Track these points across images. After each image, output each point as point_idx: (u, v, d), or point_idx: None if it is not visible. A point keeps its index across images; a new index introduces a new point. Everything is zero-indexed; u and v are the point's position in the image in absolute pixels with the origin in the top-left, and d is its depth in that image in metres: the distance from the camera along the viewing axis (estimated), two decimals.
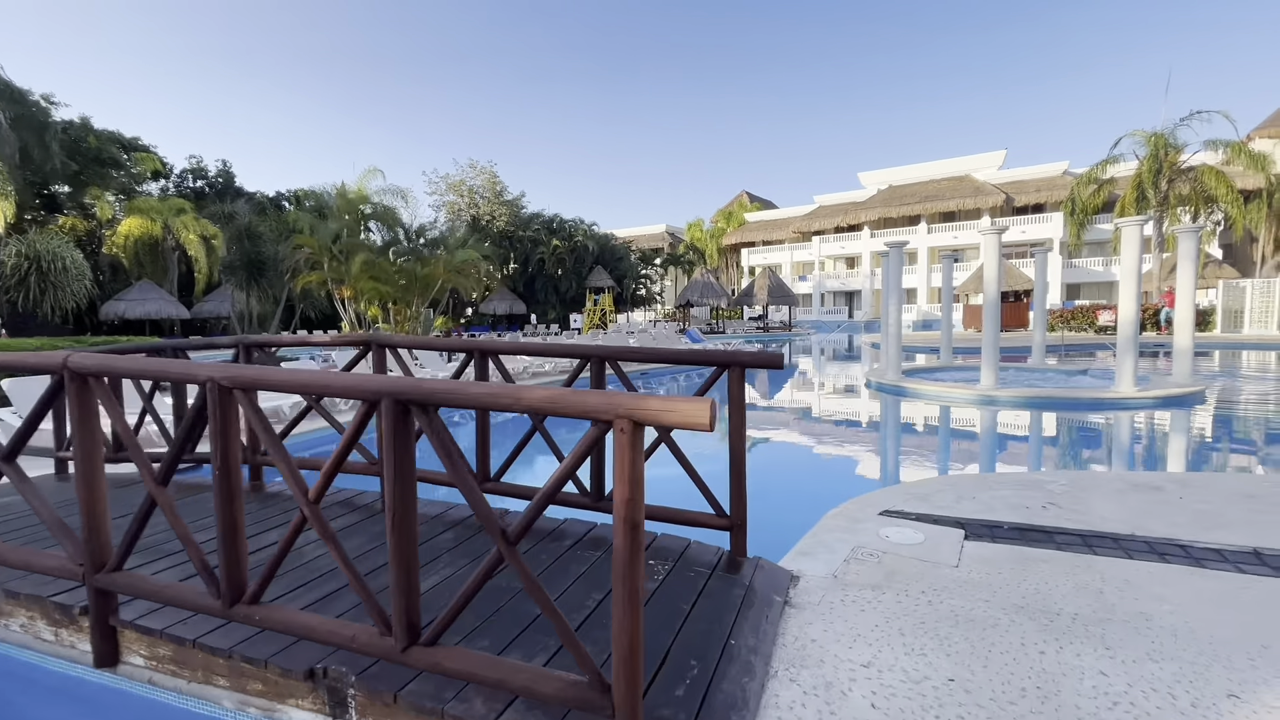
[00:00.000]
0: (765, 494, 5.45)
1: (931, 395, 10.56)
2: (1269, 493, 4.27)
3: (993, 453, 6.93)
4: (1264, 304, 22.12)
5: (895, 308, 11.88)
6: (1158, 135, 24.16)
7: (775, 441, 8.36)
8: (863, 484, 5.49)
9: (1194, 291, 10.14)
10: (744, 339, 33.35)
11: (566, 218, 45.89)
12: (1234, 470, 5.78)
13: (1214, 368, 15.03)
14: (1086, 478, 4.71)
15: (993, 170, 44.25)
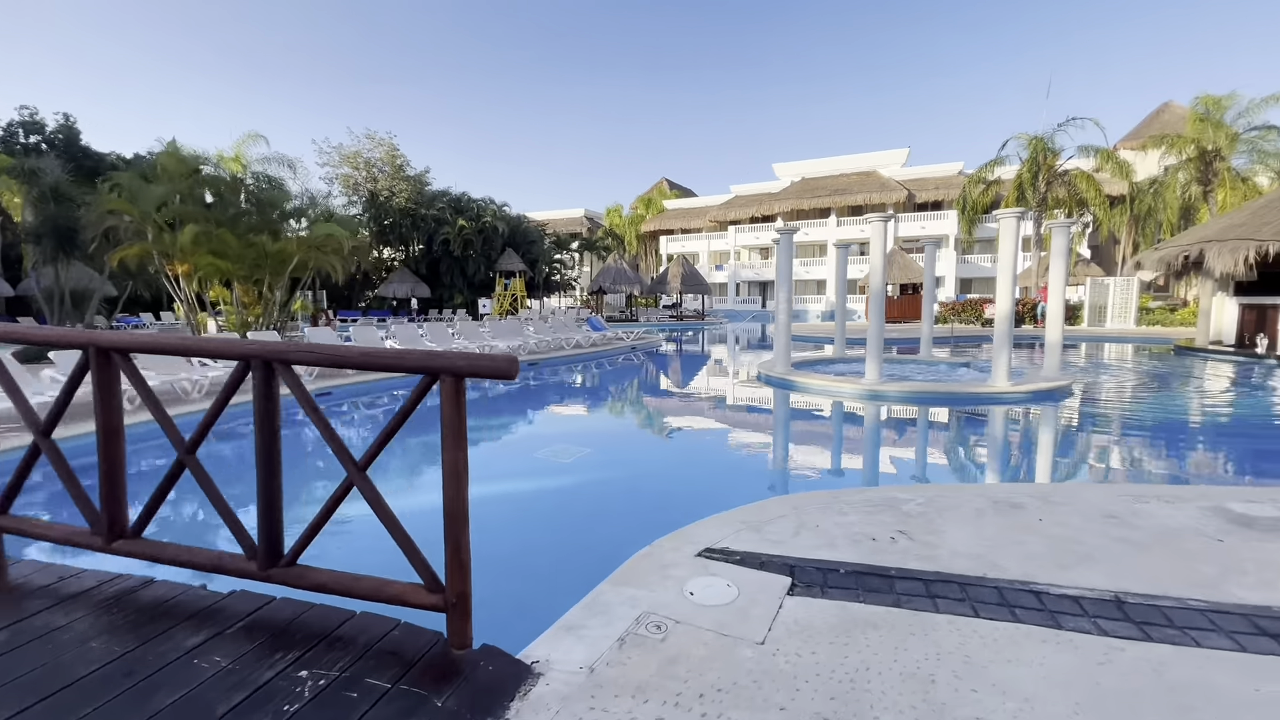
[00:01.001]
0: (577, 526, 4.53)
1: (817, 389, 10.14)
2: (1127, 509, 3.81)
3: (861, 458, 6.40)
4: (1123, 300, 23.97)
5: (785, 297, 11.40)
6: (1037, 139, 25.52)
7: (621, 449, 7.52)
8: (702, 505, 4.71)
9: (1065, 286, 10.25)
10: (655, 327, 32.81)
11: (475, 197, 43.46)
12: (1095, 477, 5.49)
13: (1081, 360, 15.79)
14: (946, 495, 4.12)
15: (896, 167, 46.03)
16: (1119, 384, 11.49)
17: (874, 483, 5.52)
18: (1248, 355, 14.43)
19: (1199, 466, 6.23)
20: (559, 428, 8.61)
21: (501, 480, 6.00)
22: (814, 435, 7.61)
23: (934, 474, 5.80)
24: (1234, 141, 24.68)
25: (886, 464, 6.16)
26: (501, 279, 42.64)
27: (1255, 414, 8.73)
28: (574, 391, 11.85)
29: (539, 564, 3.96)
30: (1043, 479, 5.64)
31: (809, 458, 6.47)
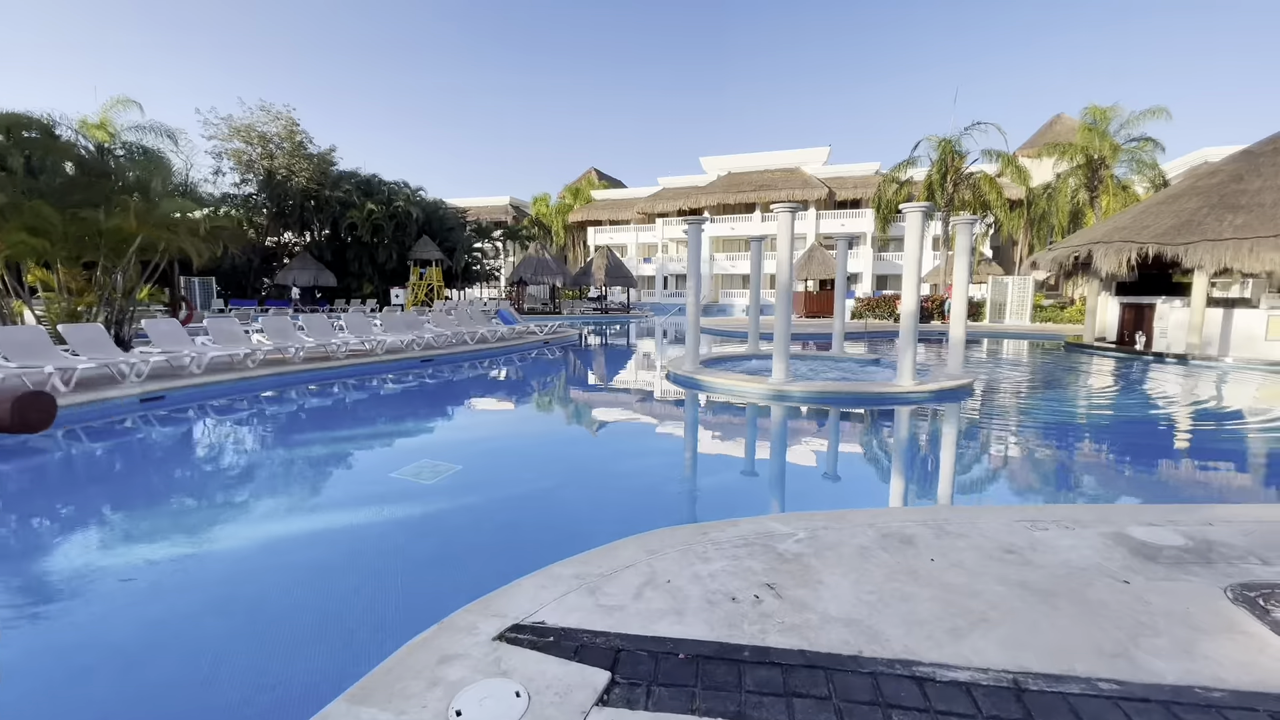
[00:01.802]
0: (394, 581, 3.37)
1: (722, 389, 9.58)
2: (1026, 540, 3.32)
3: (749, 477, 5.79)
4: (1020, 298, 25.27)
5: (695, 290, 10.78)
6: (946, 141, 26.43)
7: (496, 466, 6.61)
8: (559, 544, 3.91)
9: (968, 283, 10.19)
10: (576, 320, 31.81)
11: (387, 179, 40.72)
12: (994, 491, 5.11)
13: (984, 355, 16.23)
14: (832, 528, 3.50)
15: (818, 165, 47.04)
16: (1016, 381, 11.66)
17: (762, 506, 4.90)
18: (1128, 352, 15.25)
19: (1094, 473, 6.04)
20: (433, 438, 7.56)
21: (333, 510, 4.95)
22: (708, 448, 6.97)
23: (826, 493, 5.26)
24: (1117, 151, 26.54)
25: (775, 483, 5.57)
26: (416, 268, 40.28)
27: (1140, 413, 8.90)
28: (466, 393, 10.76)
29: (305, 646, 3.00)
30: (943, 491, 5.21)
31: (694, 477, 5.78)
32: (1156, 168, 26.11)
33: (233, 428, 7.90)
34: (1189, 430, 7.76)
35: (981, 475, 5.72)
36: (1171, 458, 6.56)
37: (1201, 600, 2.69)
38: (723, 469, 5.96)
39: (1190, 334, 13.90)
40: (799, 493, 5.20)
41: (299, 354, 11.37)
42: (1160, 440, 7.30)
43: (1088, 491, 5.36)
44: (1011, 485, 5.45)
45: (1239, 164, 14.57)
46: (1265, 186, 13.34)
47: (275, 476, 5.94)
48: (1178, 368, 13.08)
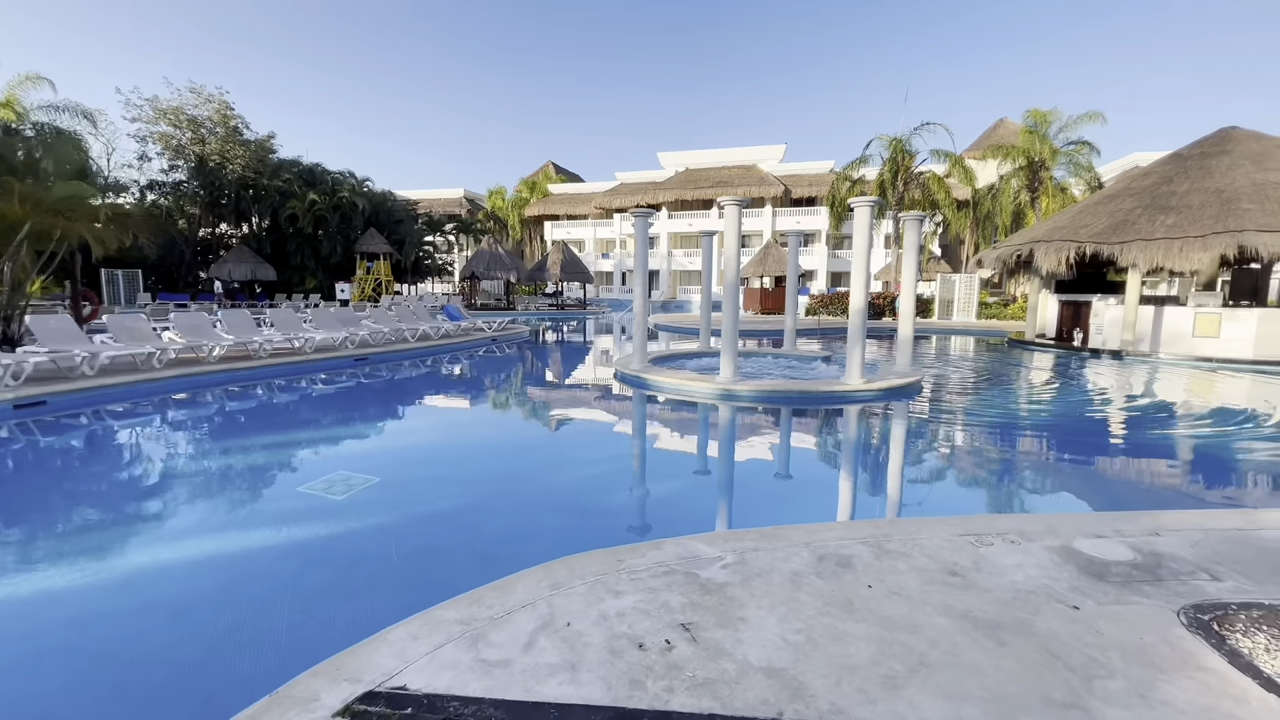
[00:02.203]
0: (261, 625, 2.87)
1: (670, 388, 9.23)
2: (970, 559, 3.05)
3: (686, 486, 5.43)
4: (967, 296, 25.90)
5: (641, 285, 10.39)
6: (897, 140, 26.84)
7: (419, 478, 6.09)
8: (470, 572, 3.47)
9: (916, 280, 10.13)
10: (531, 316, 31.06)
11: (331, 169, 38.92)
12: (938, 502, 4.89)
13: (932, 352, 16.42)
14: (764, 549, 3.16)
15: (774, 162, 47.39)
16: (962, 379, 11.73)
17: (697, 520, 4.54)
18: (1066, 348, 15.67)
19: (1038, 476, 5.93)
20: (354, 447, 6.93)
21: (222, 533, 4.34)
22: (649, 455, 6.58)
23: (766, 504, 4.94)
24: (1055, 155, 27.50)
25: (713, 494, 5.22)
26: (363, 261, 38.70)
27: (1081, 411, 8.98)
28: (398, 396, 10.09)
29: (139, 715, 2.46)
30: (888, 500, 4.97)
31: (630, 489, 5.36)
32: (1092, 170, 27.16)
33: (120, 436, 7.08)
34: (1129, 429, 7.82)
35: (926, 481, 5.52)
36: (1113, 457, 6.53)
37: (1155, 627, 2.45)
38: (661, 478, 5.58)
39: (1125, 331, 14.34)
40: (738, 504, 4.87)
41: (214, 353, 10.46)
42: (1101, 440, 7.31)
43: (1033, 496, 5.21)
44: (957, 491, 5.26)
45: (1169, 167, 15.10)
46: (1193, 189, 13.84)
47: (156, 494, 5.25)
48: (1113, 364, 13.46)
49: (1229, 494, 5.25)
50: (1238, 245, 12.07)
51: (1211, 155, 14.54)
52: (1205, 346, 13.49)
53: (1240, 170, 13.60)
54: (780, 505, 4.85)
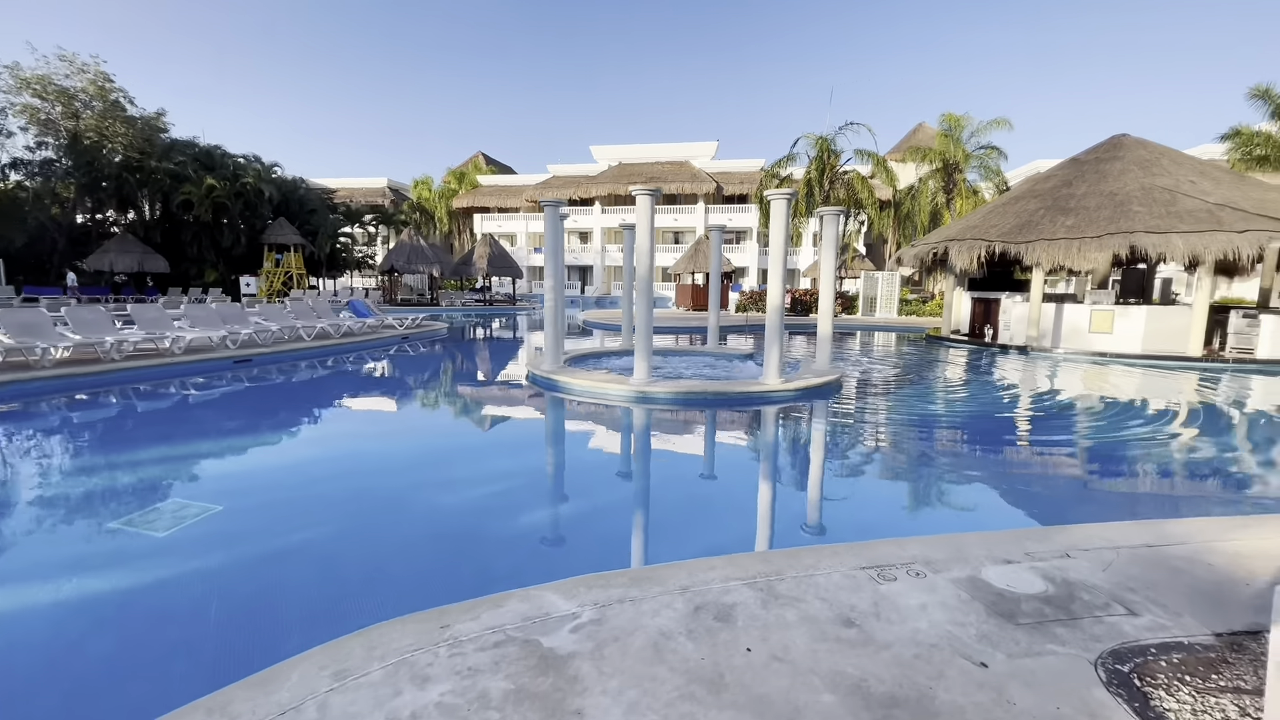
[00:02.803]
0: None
1: (581, 391, 8.61)
2: (869, 601, 2.60)
3: (576, 510, 4.83)
4: (889, 293, 26.68)
5: (554, 278, 9.70)
6: (823, 139, 27.27)
7: (268, 506, 5.22)
8: (257, 650, 2.75)
9: (835, 276, 9.95)
10: (455, 312, 29.61)
11: (233, 152, 35.80)
12: (843, 521, 4.49)
13: (855, 348, 16.59)
14: (630, 601, 2.60)
15: (707, 159, 47.56)
16: (881, 375, 11.73)
17: (570, 559, 3.91)
18: (978, 344, 16.19)
19: (948, 484, 5.71)
20: (205, 468, 5.89)
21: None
22: (540, 473, 5.93)
23: (659, 532, 4.32)
24: (968, 158, 28.77)
25: (602, 520, 4.60)
26: (272, 253, 35.87)
27: (988, 411, 9.03)
28: (275, 404, 8.96)
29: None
30: (788, 523, 4.55)
31: (507, 518, 4.66)
32: (1000, 174, 28.58)
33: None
34: (1037, 431, 7.85)
35: (835, 497, 5.15)
36: (1023, 462, 6.44)
37: (1072, 688, 2.05)
38: (554, 500, 4.93)
39: (1030, 327, 14.91)
40: (630, 530, 4.29)
41: (50, 356, 8.95)
42: (1011, 443, 7.26)
43: (943, 509, 4.94)
44: (866, 506, 4.91)
45: (1068, 170, 15.84)
46: (1089, 191, 14.53)
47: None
48: (1019, 359, 13.93)
49: (1135, 496, 5.17)
50: (1129, 245, 12.69)
51: (1105, 160, 15.34)
52: (1100, 342, 14.20)
53: (1130, 175, 14.37)
54: (675, 531, 4.33)
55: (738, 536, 4.14)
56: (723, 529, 4.32)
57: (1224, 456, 6.19)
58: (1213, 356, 13.10)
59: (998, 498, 5.06)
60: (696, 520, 4.47)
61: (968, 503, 4.97)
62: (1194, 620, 2.51)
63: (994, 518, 4.59)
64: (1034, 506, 4.84)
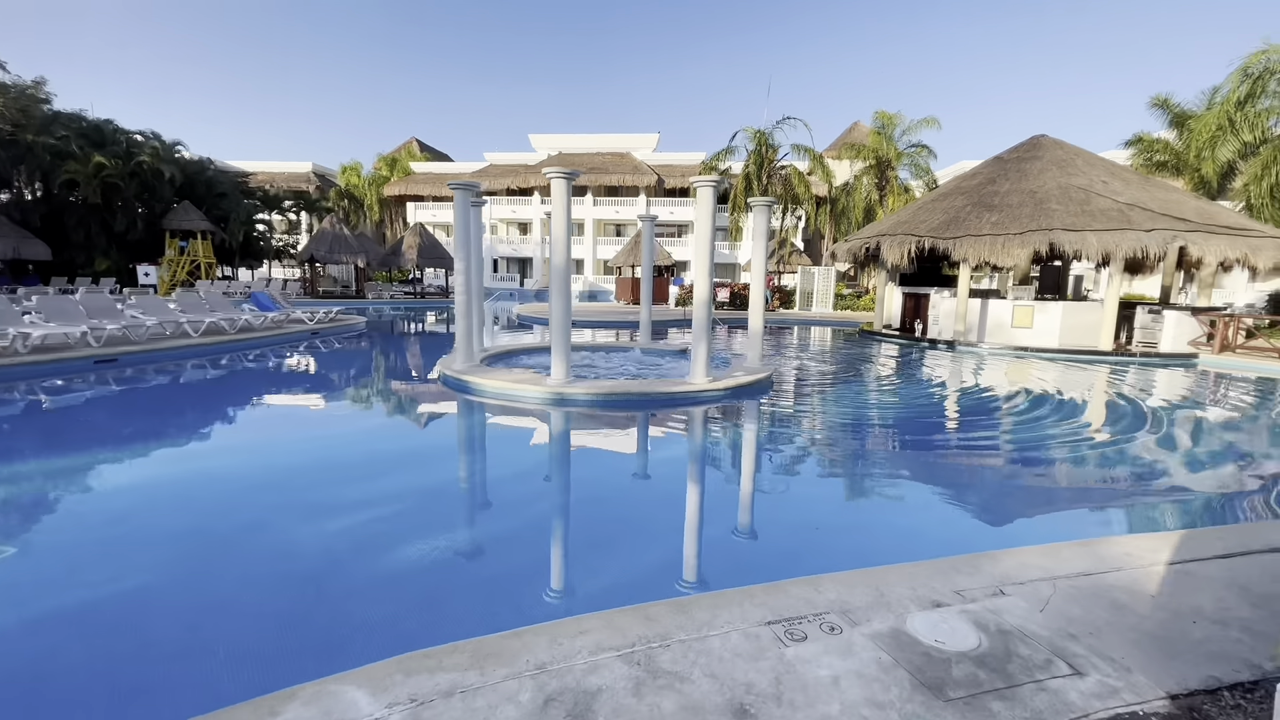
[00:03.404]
0: None
1: (493, 392, 7.86)
2: (772, 676, 2.07)
3: (460, 545, 4.12)
4: (825, 288, 26.99)
5: (464, 270, 8.88)
6: (760, 133, 27.21)
7: (70, 550, 4.29)
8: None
9: (765, 267, 9.57)
10: (384, 306, 27.90)
11: (129, 128, 32.48)
12: (752, 557, 3.99)
13: (793, 342, 16.47)
14: (464, 690, 1.97)
15: (648, 151, 47.04)
16: (814, 371, 11.52)
17: (408, 630, 3.23)
18: (909, 338, 16.38)
19: (873, 499, 5.35)
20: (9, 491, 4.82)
21: None
22: (431, 495, 5.21)
23: (529, 578, 3.64)
24: (900, 156, 29.44)
25: (473, 566, 3.84)
26: (175, 240, 32.91)
27: (917, 413, 8.88)
28: (124, 414, 7.73)
29: None
30: (692, 559, 4.02)
31: (355, 563, 3.85)
32: (930, 173, 29.41)
33: None
34: (965, 434, 7.70)
35: (753, 517, 4.67)
36: (952, 470, 6.18)
37: None
38: (423, 536, 4.14)
39: (957, 322, 15.16)
40: (507, 576, 3.58)
41: None
42: (940, 450, 7.04)
43: (868, 526, 4.55)
44: (784, 529, 4.44)
45: (992, 168, 16.19)
46: (1012, 189, 14.86)
47: None
48: (947, 354, 14.11)
49: (1065, 499, 4.95)
50: (1049, 242, 12.99)
51: (1026, 159, 15.75)
52: (1022, 336, 14.58)
53: (1049, 174, 14.78)
54: (572, 568, 3.69)
55: (642, 573, 3.57)
56: (627, 564, 3.74)
57: (1151, 456, 6.14)
58: (1121, 350, 13.64)
59: (926, 511, 4.71)
60: (599, 553, 3.87)
61: (895, 520, 4.59)
62: (1145, 678, 2.11)
63: (922, 536, 4.22)
64: (964, 521, 4.52)
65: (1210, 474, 5.65)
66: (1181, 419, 8.01)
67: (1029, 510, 4.72)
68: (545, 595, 3.17)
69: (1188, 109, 25.32)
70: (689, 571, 3.51)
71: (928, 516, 4.56)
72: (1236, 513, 4.64)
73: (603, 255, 46.50)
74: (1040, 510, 4.74)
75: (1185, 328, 13.82)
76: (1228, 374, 11.70)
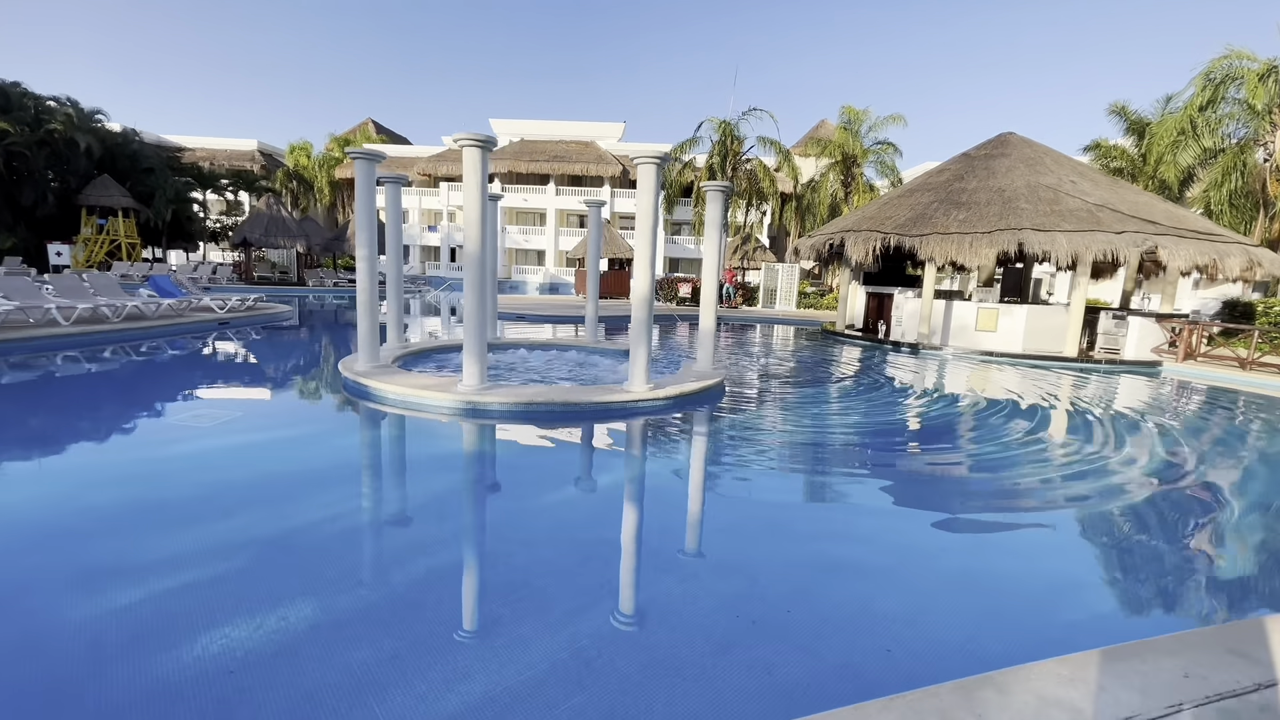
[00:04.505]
0: None
1: (396, 400, 6.68)
2: None
3: (285, 640, 3.03)
4: (789, 285, 26.35)
5: (369, 253, 7.62)
6: (726, 123, 26.33)
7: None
8: None
9: (719, 260, 8.60)
10: (324, 293, 26.01)
11: (39, 92, 29.57)
12: (682, 638, 2.97)
13: (755, 342, 15.62)
14: None
15: (613, 141, 45.77)
16: (773, 376, 10.63)
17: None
18: (872, 340, 15.73)
19: (825, 564, 4.42)
20: None
21: None
22: (263, 552, 4.07)
23: (347, 687, 2.67)
24: (866, 154, 28.99)
25: (297, 664, 2.84)
26: (92, 218, 30.26)
27: (883, 427, 8.05)
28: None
29: None
30: (610, 632, 2.99)
31: (143, 653, 2.79)
32: (896, 171, 29.06)
33: None
34: (931, 461, 6.87)
35: (677, 588, 3.67)
36: (921, 518, 5.31)
37: None
38: (236, 620, 3.05)
39: (921, 324, 14.54)
40: (320, 692, 2.53)
41: None
42: (905, 484, 6.18)
43: (815, 607, 3.59)
44: (719, 600, 3.46)
45: (959, 165, 15.63)
46: (979, 187, 14.28)
47: None
48: (911, 357, 13.46)
49: (1064, 559, 4.10)
50: (1018, 242, 12.41)
51: (994, 157, 15.23)
52: (986, 340, 14.05)
53: (1017, 172, 14.26)
54: (438, 668, 2.61)
55: (551, 658, 2.51)
56: (525, 645, 2.67)
57: (1146, 493, 5.38)
58: (1084, 357, 13.21)
59: (892, 583, 3.77)
60: (489, 630, 2.79)
61: (848, 597, 3.61)
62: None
63: (886, 622, 3.27)
64: (941, 597, 3.60)
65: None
66: (1221, 462, 7.36)
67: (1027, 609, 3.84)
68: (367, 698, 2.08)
69: (1144, 116, 25.59)
70: (602, 656, 2.46)
71: (898, 610, 3.63)
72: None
73: (564, 246, 45.10)
74: (1040, 587, 3.87)
75: (1149, 334, 13.49)
76: (1193, 383, 11.31)
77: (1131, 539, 4.28)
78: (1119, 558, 3.98)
